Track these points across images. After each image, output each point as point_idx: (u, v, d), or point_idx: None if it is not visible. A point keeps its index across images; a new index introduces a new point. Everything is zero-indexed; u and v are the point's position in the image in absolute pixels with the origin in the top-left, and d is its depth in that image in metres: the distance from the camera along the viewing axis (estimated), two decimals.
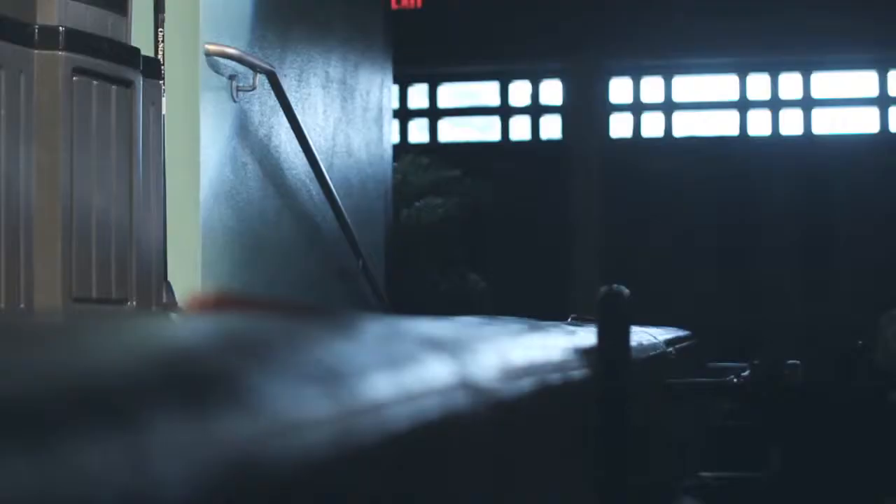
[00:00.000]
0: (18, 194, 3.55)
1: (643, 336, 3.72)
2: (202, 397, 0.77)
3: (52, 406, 0.65)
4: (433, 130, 14.90)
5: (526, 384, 1.65)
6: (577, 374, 2.08)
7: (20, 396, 0.64)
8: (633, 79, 14.42)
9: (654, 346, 3.86)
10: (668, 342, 4.32)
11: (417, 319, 1.57)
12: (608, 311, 2.39)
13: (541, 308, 8.77)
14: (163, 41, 4.47)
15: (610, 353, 2.27)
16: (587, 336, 2.38)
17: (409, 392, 1.13)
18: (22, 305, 3.54)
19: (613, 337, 2.33)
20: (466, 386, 1.34)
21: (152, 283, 4.15)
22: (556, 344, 2.12)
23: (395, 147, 9.78)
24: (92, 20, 3.73)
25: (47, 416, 0.64)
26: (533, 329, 2.25)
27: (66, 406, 0.65)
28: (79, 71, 3.66)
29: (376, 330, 1.26)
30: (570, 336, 2.38)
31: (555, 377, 1.88)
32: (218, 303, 1.26)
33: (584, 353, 2.21)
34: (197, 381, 0.79)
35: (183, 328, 1.03)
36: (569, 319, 4.06)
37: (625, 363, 2.33)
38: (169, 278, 4.43)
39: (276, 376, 0.88)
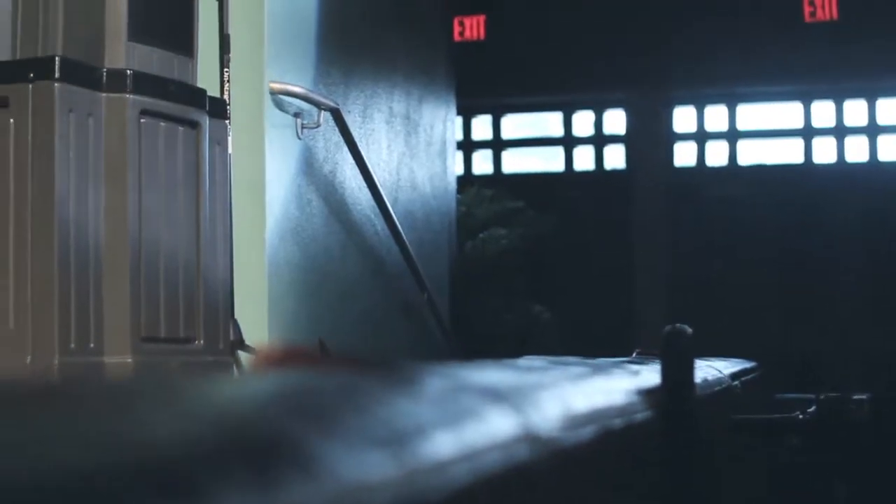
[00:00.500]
0: (88, 235, 3.61)
1: (708, 371, 3.71)
2: (266, 464, 0.79)
3: (112, 478, 0.66)
4: (497, 161, 14.92)
5: (590, 431, 1.66)
6: (642, 417, 2.08)
7: (80, 466, 0.66)
8: (697, 107, 14.37)
9: (719, 381, 3.85)
10: (734, 375, 4.30)
11: (478, 367, 1.58)
12: (672, 350, 2.39)
13: (605, 338, 8.75)
14: (228, 81, 4.52)
15: (675, 396, 2.27)
16: (651, 376, 2.38)
17: (473, 447, 1.14)
18: (92, 345, 3.59)
19: (678, 378, 2.33)
20: (529, 437, 1.35)
21: (219, 321, 4.19)
22: (620, 387, 2.13)
23: (459, 178, 9.80)
24: (159, 62, 3.79)
25: (107, 486, 0.65)
26: (595, 371, 2.26)
27: (126, 478, 0.67)
28: (146, 113, 3.71)
29: (437, 384, 1.28)
30: (634, 377, 2.39)
31: (619, 422, 1.88)
32: (284, 358, 1.28)
33: (649, 395, 2.21)
34: (260, 448, 0.81)
35: (246, 389, 1.05)
36: (633, 355, 4.06)
37: (690, 405, 2.33)
38: (236, 316, 4.47)
39: (339, 440, 0.89)
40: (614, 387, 2.11)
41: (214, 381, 1.25)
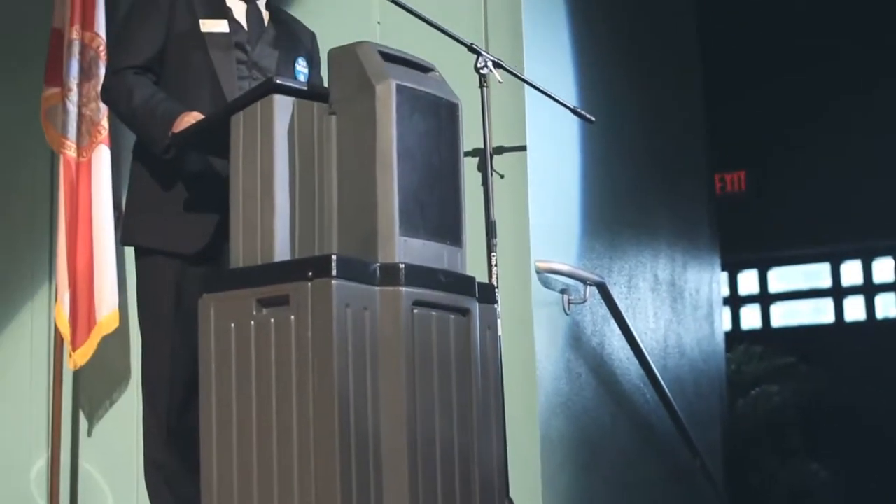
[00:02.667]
0: (367, 423, 3.71)
1: None
2: None
3: None
4: (765, 316, 14.72)
5: None
6: None
7: None
8: None
9: None
10: None
11: None
12: None
13: (888, 499, 8.44)
14: (496, 265, 4.62)
15: None
16: None
17: None
18: None
19: None
20: None
21: (495, 501, 4.23)
22: None
23: (727, 335, 9.72)
24: (429, 254, 3.91)
25: None
26: None
27: None
28: (419, 303, 3.82)
29: None
30: None
31: None
32: None
33: None
34: None
35: None
36: None
37: None
38: (511, 494, 4.51)
39: None
40: None
41: None
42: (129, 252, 5.14)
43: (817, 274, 14.65)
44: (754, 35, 14.31)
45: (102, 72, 5.71)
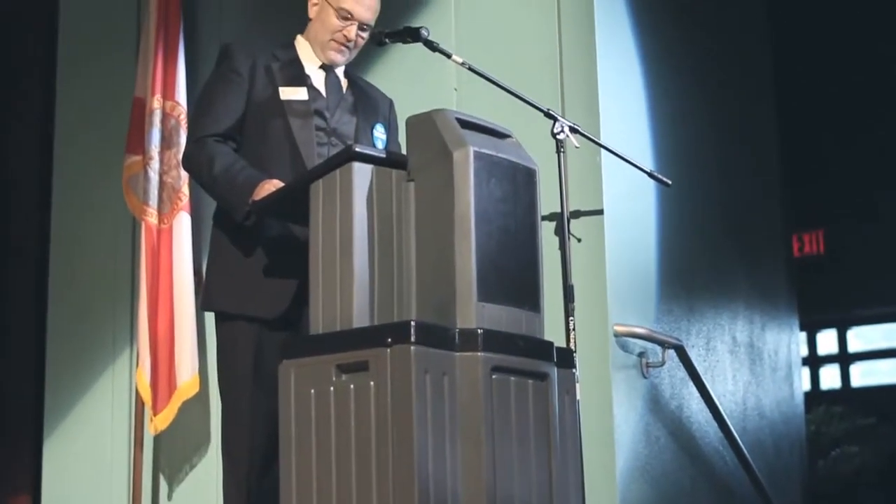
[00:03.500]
0: (446, 489, 3.71)
1: None
2: None
3: None
4: (845, 376, 14.57)
5: None
6: None
7: None
8: None
9: None
10: None
11: None
12: None
13: None
14: (574, 329, 4.63)
15: None
16: None
17: None
18: None
19: None
20: None
21: None
22: None
23: (806, 396, 9.62)
24: (507, 320, 3.91)
25: None
26: None
27: None
28: (497, 369, 3.82)
29: None
30: None
31: None
32: None
33: None
34: None
35: None
36: None
37: None
38: None
39: None
40: None
41: None
42: (210, 317, 5.19)
43: None
44: (832, 94, 14.26)
45: (183, 140, 5.80)
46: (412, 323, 3.66)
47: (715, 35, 7.38)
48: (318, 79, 4.55)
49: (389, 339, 3.66)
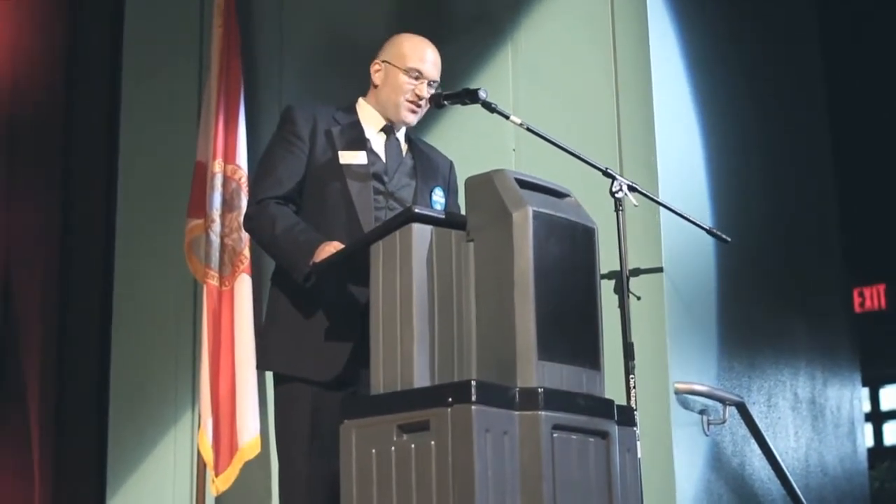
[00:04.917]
0: None
1: None
2: None
3: None
4: None
5: None
6: None
7: None
8: None
9: None
10: None
11: None
12: None
13: None
14: (634, 387, 4.62)
15: None
16: None
17: None
18: None
19: None
20: None
21: None
22: None
23: (870, 451, 9.53)
24: (567, 378, 3.92)
25: None
26: None
27: None
28: (558, 427, 3.82)
29: None
30: None
31: None
32: None
33: None
34: None
35: None
36: None
37: None
38: None
39: None
40: None
41: None
42: (270, 378, 5.22)
43: None
44: (890, 145, 14.19)
45: (244, 202, 5.87)
46: (472, 382, 3.67)
47: (774, 92, 7.38)
48: (377, 142, 4.60)
49: (450, 399, 3.68)
